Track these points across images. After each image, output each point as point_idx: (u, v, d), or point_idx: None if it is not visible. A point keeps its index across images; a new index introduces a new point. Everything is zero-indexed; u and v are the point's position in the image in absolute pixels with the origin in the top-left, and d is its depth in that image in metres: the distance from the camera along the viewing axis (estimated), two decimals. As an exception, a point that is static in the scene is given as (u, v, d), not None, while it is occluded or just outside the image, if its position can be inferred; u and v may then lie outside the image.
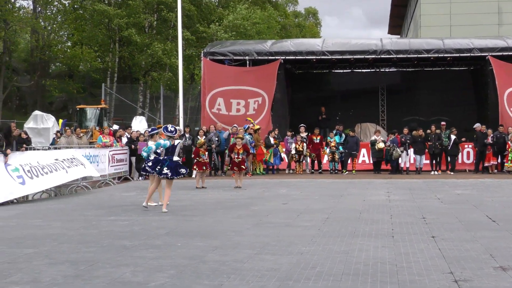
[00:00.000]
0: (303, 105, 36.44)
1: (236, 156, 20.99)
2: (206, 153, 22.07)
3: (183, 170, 14.77)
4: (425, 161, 27.58)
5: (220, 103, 30.81)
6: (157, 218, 13.05)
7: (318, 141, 28.18)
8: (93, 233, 11.17)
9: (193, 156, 22.10)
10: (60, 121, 36.46)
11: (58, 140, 27.75)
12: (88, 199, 17.89)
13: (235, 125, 27.37)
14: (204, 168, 21.36)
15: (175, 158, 14.62)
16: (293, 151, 27.98)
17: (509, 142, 26.33)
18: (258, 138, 27.20)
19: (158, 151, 14.80)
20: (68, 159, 19.79)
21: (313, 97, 36.79)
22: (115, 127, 33.56)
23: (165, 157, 14.64)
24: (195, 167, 21.49)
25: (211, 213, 14.03)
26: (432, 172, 27.19)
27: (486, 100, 30.64)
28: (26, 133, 28.23)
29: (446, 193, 18.35)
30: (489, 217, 12.84)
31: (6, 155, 16.85)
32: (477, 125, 27.90)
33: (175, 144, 14.64)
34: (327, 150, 28.18)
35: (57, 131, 31.91)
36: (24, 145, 23.26)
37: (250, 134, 26.53)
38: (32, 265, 8.39)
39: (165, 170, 14.41)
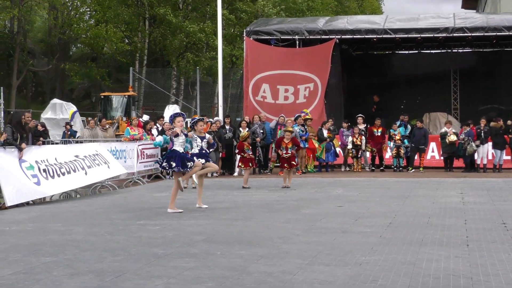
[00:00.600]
0: (362, 92, 36.34)
1: (284, 152, 20.73)
2: (250, 147, 21.91)
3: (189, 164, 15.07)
4: (505, 157, 27.28)
5: (265, 90, 30.79)
6: (193, 223, 13.10)
7: (379, 134, 28.02)
8: (120, 239, 11.26)
9: (237, 151, 21.94)
10: (71, 111, 36.51)
11: (68, 133, 28.05)
12: (114, 200, 18.05)
13: (282, 115, 27.24)
14: (251, 165, 21.28)
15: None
16: (350, 146, 27.86)
17: None
18: (310, 130, 27.03)
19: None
20: (90, 156, 19.95)
21: (373, 83, 36.69)
22: (145, 117, 33.84)
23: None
24: (240, 164, 21.38)
25: (256, 216, 14.05)
26: (514, 170, 26.94)
27: None
28: (43, 125, 28.59)
29: (531, 195, 18.14)
30: None
31: (20, 150, 17.01)
32: None
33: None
34: (391, 144, 28.02)
35: (67, 123, 32.07)
36: (41, 139, 23.47)
37: (302, 125, 26.21)
38: (51, 276, 8.47)
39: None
